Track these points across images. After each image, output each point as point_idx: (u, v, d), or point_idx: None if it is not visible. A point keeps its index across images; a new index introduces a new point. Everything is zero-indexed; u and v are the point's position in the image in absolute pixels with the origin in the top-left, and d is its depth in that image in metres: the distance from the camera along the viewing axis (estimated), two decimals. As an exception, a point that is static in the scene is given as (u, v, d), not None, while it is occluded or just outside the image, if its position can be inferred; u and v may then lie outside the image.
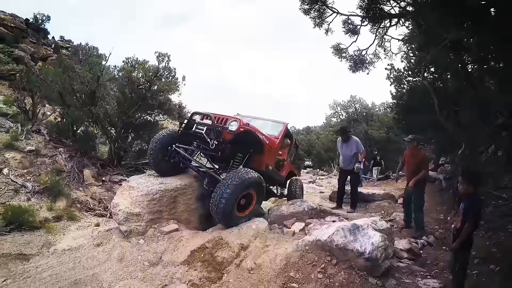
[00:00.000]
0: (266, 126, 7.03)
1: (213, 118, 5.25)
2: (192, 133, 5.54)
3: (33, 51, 17.56)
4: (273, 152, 6.33)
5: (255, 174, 5.02)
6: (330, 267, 3.63)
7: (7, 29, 17.59)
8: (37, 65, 15.38)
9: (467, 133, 5.71)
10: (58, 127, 8.80)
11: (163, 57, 8.70)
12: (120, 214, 4.92)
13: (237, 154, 5.51)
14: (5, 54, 15.32)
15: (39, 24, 22.33)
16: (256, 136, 5.56)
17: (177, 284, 3.88)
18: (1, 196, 6.61)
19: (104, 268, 4.49)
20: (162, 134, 5.94)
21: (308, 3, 6.26)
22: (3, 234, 5.36)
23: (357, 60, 6.99)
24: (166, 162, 5.79)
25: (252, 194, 5.14)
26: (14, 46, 16.54)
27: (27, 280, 4.27)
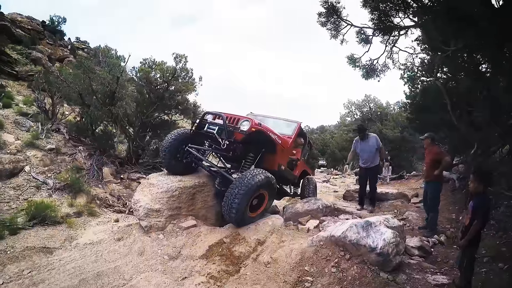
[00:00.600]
0: (279, 125, 7.07)
1: (224, 118, 5.28)
2: (204, 133, 5.59)
3: (50, 52, 18.09)
4: (285, 151, 6.32)
5: (267, 174, 5.04)
6: (343, 262, 3.83)
7: (24, 31, 18.21)
8: (54, 66, 15.92)
9: (480, 133, 5.81)
10: (78, 126, 9.18)
11: (180, 58, 8.99)
12: (141, 210, 5.19)
13: (249, 154, 5.56)
14: (23, 56, 15.88)
15: (55, 26, 23.04)
16: (268, 136, 5.58)
17: (196, 277, 4.10)
18: (23, 193, 7.00)
19: (125, 261, 4.72)
20: (175, 134, 6.02)
21: (325, 17, 6.87)
22: (27, 228, 5.71)
23: (369, 69, 7.52)
24: (178, 162, 5.90)
25: (264, 194, 5.20)
26: (32, 47, 17.09)
27: (51, 272, 4.50)
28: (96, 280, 4.26)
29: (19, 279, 4.28)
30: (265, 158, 5.76)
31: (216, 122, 5.53)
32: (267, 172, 5.10)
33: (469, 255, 3.40)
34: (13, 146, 8.14)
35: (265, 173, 5.06)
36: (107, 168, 8.18)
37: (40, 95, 10.03)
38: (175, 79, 9.00)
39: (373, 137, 7.16)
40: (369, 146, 7.10)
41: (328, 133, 40.48)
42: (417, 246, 4.64)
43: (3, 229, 5.40)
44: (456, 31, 4.21)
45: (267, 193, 5.25)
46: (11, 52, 15.19)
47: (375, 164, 7.19)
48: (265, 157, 5.76)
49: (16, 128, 9.14)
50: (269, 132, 5.68)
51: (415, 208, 7.48)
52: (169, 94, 9.05)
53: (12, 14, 19.34)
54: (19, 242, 5.27)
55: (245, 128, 5.14)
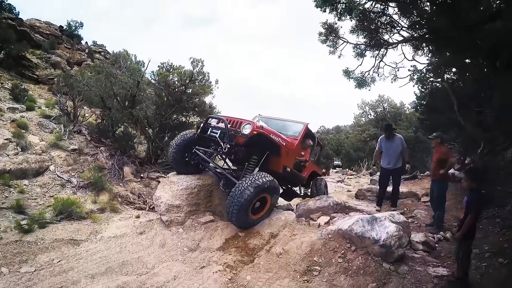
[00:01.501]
0: (286, 127, 7.26)
1: (226, 122, 5.42)
2: (207, 137, 5.76)
3: (69, 56, 18.92)
4: (291, 153, 6.38)
5: (269, 178, 5.12)
6: (349, 253, 4.21)
7: (43, 36, 19.07)
8: (72, 69, 16.69)
9: (486, 133, 6.08)
10: (99, 128, 9.76)
11: (197, 62, 9.48)
12: (162, 205, 5.67)
13: (253, 156, 5.65)
14: (42, 60, 16.70)
15: (72, 31, 23.97)
16: (270, 139, 5.68)
17: (213, 266, 4.55)
18: (49, 190, 7.57)
19: (148, 252, 5.20)
20: (183, 136, 6.24)
21: (324, 36, 7.96)
22: (54, 223, 6.25)
23: (360, 80, 8.59)
24: (186, 163, 6.17)
25: (267, 197, 5.33)
26: (51, 52, 17.93)
27: (79, 261, 4.96)
28: (121, 268, 4.71)
29: (50, 267, 4.71)
30: (269, 160, 5.90)
31: (219, 126, 5.71)
32: (269, 175, 5.20)
33: (465, 247, 3.71)
34: (38, 147, 8.73)
35: (269, 177, 5.17)
36: (128, 167, 8.72)
37: (62, 98, 10.65)
38: (192, 82, 9.49)
39: (399, 138, 7.08)
40: (394, 146, 6.99)
41: (343, 133, 40.56)
42: (422, 241, 4.93)
43: (33, 223, 5.91)
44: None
45: (270, 196, 5.38)
46: (31, 57, 16.00)
47: (398, 166, 7.05)
48: (270, 159, 5.89)
49: (40, 130, 9.77)
50: (272, 134, 5.80)
51: (424, 206, 7.71)
52: (186, 96, 9.56)
53: (30, 20, 20.26)
54: (48, 235, 5.78)
55: (247, 131, 5.28)
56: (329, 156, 27.96)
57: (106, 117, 9.44)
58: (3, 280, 4.21)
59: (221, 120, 5.69)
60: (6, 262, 4.71)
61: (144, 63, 11.16)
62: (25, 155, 8.14)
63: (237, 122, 5.64)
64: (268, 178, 5.11)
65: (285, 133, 6.78)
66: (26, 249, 5.20)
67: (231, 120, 5.69)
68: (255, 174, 5.17)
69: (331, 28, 7.90)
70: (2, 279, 4.24)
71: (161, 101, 9.42)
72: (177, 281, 4.27)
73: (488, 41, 4.98)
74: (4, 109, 10.24)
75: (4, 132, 8.79)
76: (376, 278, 3.83)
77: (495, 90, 5.62)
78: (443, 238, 5.51)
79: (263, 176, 5.09)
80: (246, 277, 4.14)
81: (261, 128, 5.57)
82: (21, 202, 6.58)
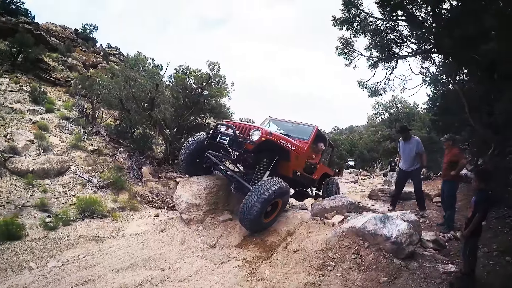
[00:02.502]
0: (296, 130, 7.42)
1: (234, 130, 5.56)
2: (217, 143, 5.90)
3: (84, 59, 19.58)
4: (300, 158, 6.49)
5: (276, 186, 5.23)
6: (362, 250, 4.52)
7: (58, 39, 19.84)
8: (88, 71, 17.30)
9: (497, 135, 6.31)
10: (117, 129, 10.23)
11: (213, 65, 9.88)
12: (183, 204, 6.04)
13: (263, 160, 5.81)
14: (59, 63, 17.36)
15: (87, 34, 24.76)
16: (279, 145, 5.79)
17: (233, 261, 4.88)
18: (71, 189, 8.00)
19: (170, 249, 5.53)
20: (194, 140, 6.40)
21: (341, 49, 8.77)
22: (77, 220, 6.68)
23: (373, 90, 9.41)
24: (197, 165, 6.43)
25: (278, 202, 5.51)
26: (67, 55, 18.64)
27: (104, 256, 5.26)
28: (144, 263, 5.03)
29: (76, 262, 5.02)
30: (279, 165, 6.03)
31: (228, 133, 5.83)
32: (277, 180, 5.35)
33: (471, 244, 3.97)
34: (59, 147, 9.21)
35: (282, 182, 5.35)
36: (146, 167, 9.16)
37: (80, 100, 11.15)
38: (208, 84, 9.88)
39: (415, 140, 7.11)
40: (410, 148, 7.06)
41: (357, 134, 40.60)
42: (432, 239, 5.21)
43: (58, 221, 6.32)
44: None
45: (281, 199, 5.54)
46: (48, 60, 16.64)
47: (414, 168, 7.10)
48: (280, 163, 6.02)
49: (60, 131, 10.27)
50: (281, 140, 5.91)
51: (436, 206, 7.98)
52: (203, 99, 9.98)
53: (46, 24, 21.06)
54: (73, 232, 6.16)
55: (255, 138, 5.38)
56: (342, 156, 28.07)
57: (124, 119, 9.89)
58: (32, 274, 4.49)
59: (230, 127, 5.81)
60: (34, 257, 5.03)
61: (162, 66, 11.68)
62: (47, 156, 8.58)
63: (246, 128, 5.75)
64: (276, 186, 5.21)
65: (295, 136, 6.94)
66: (52, 245, 5.53)
67: (239, 126, 5.82)
68: (269, 180, 5.31)
69: (347, 42, 8.66)
70: (31, 273, 4.52)
71: (178, 103, 9.84)
72: (199, 275, 4.57)
73: (485, 57, 5.60)
74: (25, 111, 10.76)
75: (26, 133, 9.27)
76: (387, 273, 4.12)
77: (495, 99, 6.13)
78: (453, 237, 5.74)
79: (276, 183, 5.25)
80: (265, 272, 4.48)
81: (270, 134, 5.65)
82: (45, 200, 7.00)
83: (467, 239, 4.01)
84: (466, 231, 3.94)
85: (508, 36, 4.85)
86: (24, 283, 4.22)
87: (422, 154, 7.03)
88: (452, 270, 4.28)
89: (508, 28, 4.79)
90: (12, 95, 11.83)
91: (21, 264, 4.78)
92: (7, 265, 4.67)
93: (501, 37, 5.22)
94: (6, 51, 14.88)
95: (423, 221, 6.76)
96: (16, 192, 7.23)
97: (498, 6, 5.02)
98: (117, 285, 4.26)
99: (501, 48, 5.08)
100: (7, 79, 13.28)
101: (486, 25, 5.41)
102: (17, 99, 11.55)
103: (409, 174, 7.28)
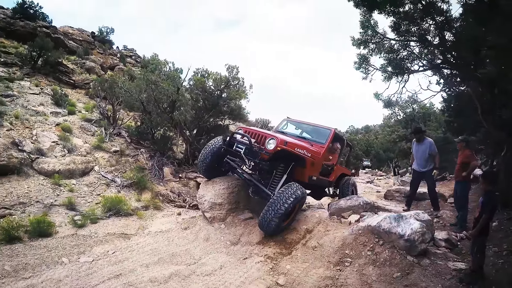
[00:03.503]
0: (314, 131, 7.64)
1: (249, 140, 5.70)
2: (233, 151, 6.08)
3: (102, 61, 20.28)
4: (316, 163, 6.62)
5: (298, 193, 5.46)
6: (377, 247, 4.88)
7: (76, 42, 20.62)
8: (106, 73, 17.94)
9: (510, 137, 6.57)
10: (138, 131, 10.74)
11: (232, 68, 10.32)
12: (206, 203, 6.46)
13: (279, 166, 5.99)
14: (77, 65, 18.05)
15: (104, 36, 25.52)
16: (295, 154, 5.92)
17: (255, 257, 5.28)
18: (95, 189, 8.50)
19: (194, 245, 5.92)
20: (212, 146, 6.59)
21: (358, 64, 9.79)
22: (104, 219, 7.17)
23: (387, 102, 10.50)
24: (215, 170, 6.73)
25: (296, 206, 5.72)
26: (85, 57, 19.39)
27: (132, 252, 5.64)
28: (171, 259, 5.40)
29: (106, 258, 5.38)
30: (295, 171, 6.19)
31: (243, 141, 5.94)
32: (297, 189, 5.53)
33: (479, 243, 4.27)
34: (83, 149, 9.74)
35: (301, 189, 5.58)
36: (167, 168, 9.66)
37: (102, 102, 11.70)
38: (227, 87, 10.33)
39: (428, 141, 7.30)
40: (422, 149, 7.26)
41: (373, 134, 40.55)
42: (444, 238, 5.50)
43: (85, 219, 6.83)
44: None
45: (299, 205, 5.82)
46: (67, 63, 17.31)
47: (427, 169, 7.29)
48: (295, 169, 6.18)
49: (83, 132, 10.83)
50: (297, 148, 6.03)
51: (450, 207, 8.22)
52: (222, 101, 10.44)
53: (64, 27, 21.86)
54: (100, 229, 6.64)
55: (271, 147, 5.53)
56: (358, 156, 28.20)
57: (145, 121, 10.40)
58: (65, 268, 4.88)
59: (245, 136, 5.92)
60: (66, 253, 5.43)
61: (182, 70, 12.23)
62: (71, 157, 9.14)
63: (261, 136, 5.91)
64: (292, 198, 5.38)
65: (311, 139, 7.21)
66: (82, 242, 5.97)
67: (255, 134, 6.00)
68: (290, 188, 5.50)
69: (363, 58, 9.64)
70: (64, 268, 4.91)
71: (198, 105, 10.31)
72: (223, 269, 4.96)
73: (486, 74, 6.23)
74: (48, 114, 11.35)
75: (50, 135, 9.84)
76: (400, 269, 4.47)
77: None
78: (465, 237, 5.96)
79: (296, 190, 5.47)
80: (286, 266, 4.88)
81: (285, 143, 5.76)
82: (72, 199, 7.51)
83: (475, 238, 4.30)
84: (474, 231, 4.25)
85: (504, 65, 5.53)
86: (58, 277, 4.59)
87: (435, 155, 7.25)
88: (463, 267, 4.56)
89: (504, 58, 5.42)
90: (35, 97, 12.46)
91: (53, 259, 5.17)
92: (41, 260, 5.06)
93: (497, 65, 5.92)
94: (26, 55, 15.60)
95: (437, 221, 7.05)
96: (44, 191, 7.71)
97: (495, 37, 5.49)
98: (147, 278, 4.61)
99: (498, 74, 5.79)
100: (28, 82, 13.93)
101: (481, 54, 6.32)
102: (40, 102, 12.18)
103: (422, 175, 7.47)
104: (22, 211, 6.81)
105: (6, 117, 9.61)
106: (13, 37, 17.73)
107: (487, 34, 5.74)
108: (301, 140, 7.05)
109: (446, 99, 10.16)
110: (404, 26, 8.23)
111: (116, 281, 4.54)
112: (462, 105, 8.71)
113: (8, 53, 15.63)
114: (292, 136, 7.19)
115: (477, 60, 6.65)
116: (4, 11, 19.18)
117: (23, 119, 9.95)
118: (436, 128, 23.16)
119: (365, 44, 9.14)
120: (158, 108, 9.72)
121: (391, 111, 28.83)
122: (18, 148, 8.39)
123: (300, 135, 7.58)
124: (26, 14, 19.33)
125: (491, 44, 5.58)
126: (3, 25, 17.80)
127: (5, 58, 14.86)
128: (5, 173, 7.68)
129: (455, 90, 9.03)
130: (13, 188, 7.44)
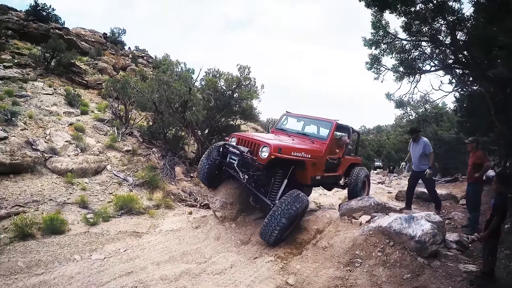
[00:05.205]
0: (313, 127, 7.47)
1: (241, 152, 5.53)
2: (227, 163, 5.98)
3: (114, 62, 20.59)
4: (318, 163, 6.44)
5: (304, 200, 5.41)
6: (388, 248, 4.91)
7: (88, 43, 20.99)
8: (118, 74, 18.21)
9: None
10: (150, 131, 10.90)
11: (244, 68, 10.42)
12: (217, 203, 6.56)
13: (277, 172, 5.78)
14: (90, 66, 18.37)
15: (116, 37, 25.90)
16: (291, 158, 5.73)
17: (265, 257, 5.32)
18: (108, 188, 8.63)
19: (205, 244, 5.99)
20: (208, 157, 6.50)
21: (370, 64, 10.05)
22: (116, 217, 7.27)
23: (398, 102, 10.77)
24: (215, 178, 6.66)
25: (298, 215, 5.57)
26: (98, 58, 19.74)
27: (143, 250, 5.73)
28: (182, 257, 5.47)
29: (117, 255, 5.47)
30: (296, 173, 6.04)
31: (237, 152, 5.75)
32: (297, 198, 5.37)
33: (491, 245, 4.25)
34: (95, 148, 9.92)
35: (304, 198, 5.46)
36: (179, 167, 9.81)
37: (114, 102, 11.90)
38: (239, 87, 10.44)
39: (423, 141, 7.32)
40: (417, 149, 7.34)
41: (384, 134, 40.28)
42: (455, 240, 5.51)
43: (98, 217, 6.95)
44: None
45: (302, 213, 5.67)
46: (80, 64, 17.63)
47: (422, 169, 7.32)
48: (296, 172, 6.02)
49: (95, 132, 11.03)
50: (293, 152, 5.82)
51: (462, 208, 8.17)
52: (234, 101, 10.55)
53: (76, 29, 22.32)
54: (112, 227, 6.74)
55: (264, 156, 5.37)
56: (370, 157, 28.05)
57: (157, 121, 10.55)
58: (77, 265, 4.98)
59: (236, 148, 5.72)
60: (78, 250, 5.54)
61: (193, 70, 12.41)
62: (84, 156, 9.31)
63: (255, 144, 5.67)
64: (292, 210, 5.24)
65: (312, 135, 7.06)
66: (94, 240, 6.07)
67: (249, 142, 5.79)
68: (292, 197, 5.35)
69: (375, 58, 9.87)
70: (76, 264, 5.01)
71: (209, 105, 10.43)
72: (233, 268, 5.02)
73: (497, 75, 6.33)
74: (61, 113, 11.58)
75: (64, 134, 10.04)
76: (410, 270, 4.49)
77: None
78: (476, 239, 5.94)
79: (299, 201, 5.34)
80: (296, 266, 4.93)
81: (279, 150, 5.49)
82: (85, 198, 7.64)
83: (486, 241, 4.30)
84: (485, 233, 4.25)
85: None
86: (70, 274, 4.69)
87: (430, 155, 7.27)
88: (473, 269, 4.57)
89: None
90: (48, 98, 12.72)
91: (66, 256, 5.27)
92: (53, 257, 5.17)
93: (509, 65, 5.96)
94: (40, 56, 15.94)
95: (448, 222, 7.03)
96: (57, 190, 7.87)
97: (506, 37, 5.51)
98: (158, 276, 4.69)
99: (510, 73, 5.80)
100: (42, 82, 14.24)
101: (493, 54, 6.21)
102: (53, 102, 12.43)
103: (418, 174, 7.55)
104: (36, 209, 6.92)
105: (20, 117, 9.81)
106: (27, 38, 18.10)
107: (498, 33, 5.75)
108: (301, 138, 6.93)
109: (459, 99, 10.09)
110: (416, 26, 8.35)
111: (127, 279, 4.63)
112: (474, 105, 8.66)
113: (21, 55, 15.93)
114: (292, 133, 7.10)
115: (489, 60, 6.67)
116: (18, 13, 19.65)
117: (36, 119, 10.16)
118: (448, 129, 22.91)
119: (377, 44, 9.36)
120: (170, 108, 9.86)
121: (403, 111, 28.65)
122: (32, 147, 8.56)
123: (301, 131, 7.39)
124: (39, 16, 19.77)
125: (502, 43, 5.59)
126: (17, 27, 18.19)
127: (18, 60, 15.14)
128: (19, 171, 7.85)
129: (468, 90, 9.00)
130: (26, 186, 7.61)
